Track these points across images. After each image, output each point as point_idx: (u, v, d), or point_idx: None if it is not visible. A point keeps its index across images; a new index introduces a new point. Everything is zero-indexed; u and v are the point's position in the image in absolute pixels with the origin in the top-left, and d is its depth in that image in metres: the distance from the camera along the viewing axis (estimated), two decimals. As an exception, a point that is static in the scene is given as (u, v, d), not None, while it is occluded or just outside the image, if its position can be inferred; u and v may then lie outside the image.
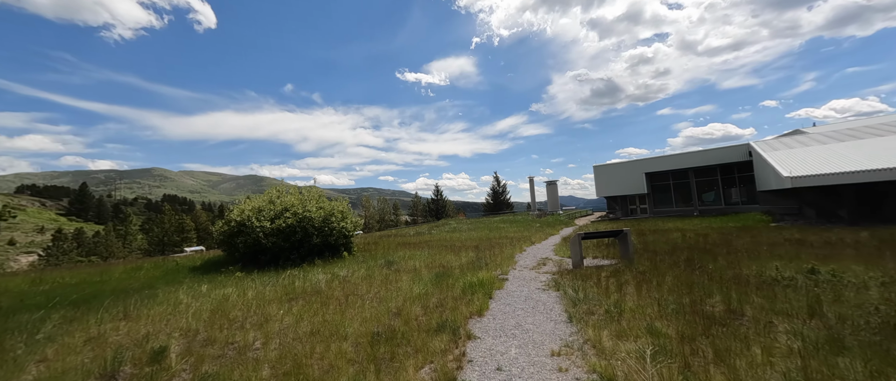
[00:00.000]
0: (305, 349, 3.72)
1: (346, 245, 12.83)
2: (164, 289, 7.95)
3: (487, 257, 9.90)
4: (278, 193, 12.78)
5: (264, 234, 10.58)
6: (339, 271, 8.58)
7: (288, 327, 4.56)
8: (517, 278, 7.26)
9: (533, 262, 9.40)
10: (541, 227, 22.59)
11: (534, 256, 10.67)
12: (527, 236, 16.31)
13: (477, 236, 19.01)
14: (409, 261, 10.00)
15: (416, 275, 7.74)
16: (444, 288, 6.17)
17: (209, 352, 3.86)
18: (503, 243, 13.60)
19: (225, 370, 3.28)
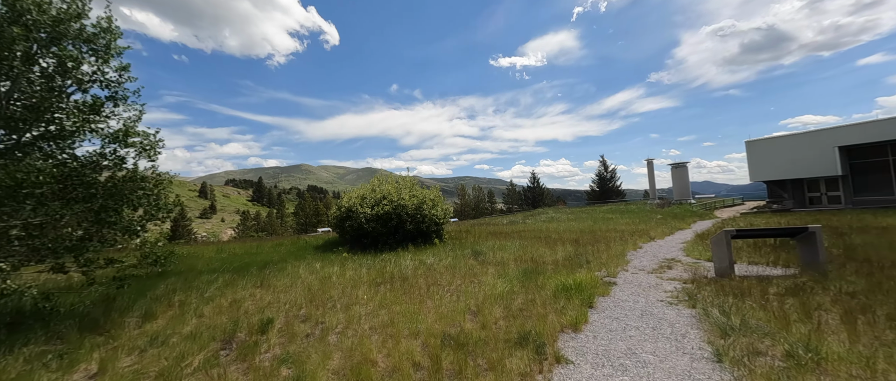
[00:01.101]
0: (377, 341, 3.57)
1: (437, 232, 13.05)
2: (293, 263, 9.48)
3: (589, 254, 8.42)
4: (379, 182, 13.87)
5: (366, 219, 11.60)
6: (426, 259, 8.62)
7: (369, 313, 4.58)
8: (629, 283, 5.79)
9: (652, 263, 7.50)
10: (663, 219, 18.58)
11: (653, 255, 8.57)
12: (643, 230, 13.52)
13: (578, 227, 16.89)
14: (497, 252, 9.37)
15: (502, 269, 7.07)
16: (533, 288, 5.33)
17: (302, 329, 4.14)
18: (611, 238, 11.53)
19: (304, 353, 3.37)
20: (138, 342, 3.99)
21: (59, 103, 4.42)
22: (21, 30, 3.84)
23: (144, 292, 6.28)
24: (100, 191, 4.64)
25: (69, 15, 4.53)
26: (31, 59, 3.94)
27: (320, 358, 3.19)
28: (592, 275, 5.97)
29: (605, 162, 48.71)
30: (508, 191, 66.45)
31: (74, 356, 3.59)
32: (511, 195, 65.34)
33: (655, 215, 20.30)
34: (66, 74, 4.37)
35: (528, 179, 58.94)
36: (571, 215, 25.28)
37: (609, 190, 46.84)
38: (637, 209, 25.31)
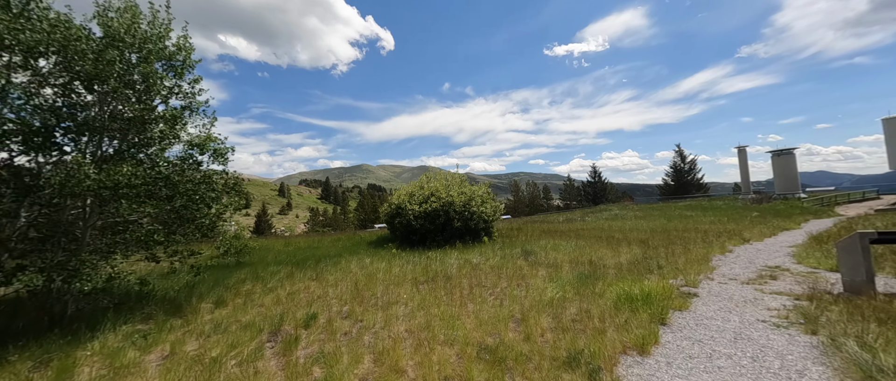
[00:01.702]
0: (409, 347, 3.38)
1: (487, 230, 12.64)
2: (346, 258, 9.95)
3: (661, 257, 7.25)
4: (427, 179, 13.93)
5: (414, 216, 11.70)
6: (472, 257, 8.31)
7: (407, 314, 4.44)
8: (716, 295, 4.75)
9: (747, 271, 6.13)
10: (760, 217, 15.52)
11: (748, 261, 7.05)
12: (733, 230, 11.38)
13: (648, 226, 14.97)
14: (549, 253, 8.64)
15: (554, 272, 6.42)
16: (589, 296, 4.67)
17: (341, 327, 4.16)
18: (691, 238, 9.89)
19: (338, 352, 3.33)
20: (206, 327, 4.39)
21: (148, 115, 5.08)
22: (116, 52, 4.45)
23: (222, 281, 7.07)
24: (180, 191, 5.25)
25: (154, 36, 5.19)
26: (123, 77, 4.56)
27: (350, 361, 3.10)
28: (665, 283, 5.03)
29: (682, 152, 42.83)
30: (566, 186, 62.51)
31: (155, 337, 4.07)
32: (569, 191, 61.37)
33: (750, 213, 17.05)
34: (151, 89, 4.99)
35: (588, 173, 54.71)
36: (640, 213, 22.63)
37: (687, 184, 41.06)
38: (725, 206, 21.62)
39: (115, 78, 4.51)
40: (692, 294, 4.79)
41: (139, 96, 4.99)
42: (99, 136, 4.63)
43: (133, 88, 4.84)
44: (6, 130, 4.03)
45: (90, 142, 4.64)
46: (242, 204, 6.31)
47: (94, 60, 4.26)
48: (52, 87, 4.27)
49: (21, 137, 4.13)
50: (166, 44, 5.44)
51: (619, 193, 66.60)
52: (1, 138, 3.94)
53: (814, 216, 16.00)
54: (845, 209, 18.39)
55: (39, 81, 4.34)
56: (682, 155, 42.65)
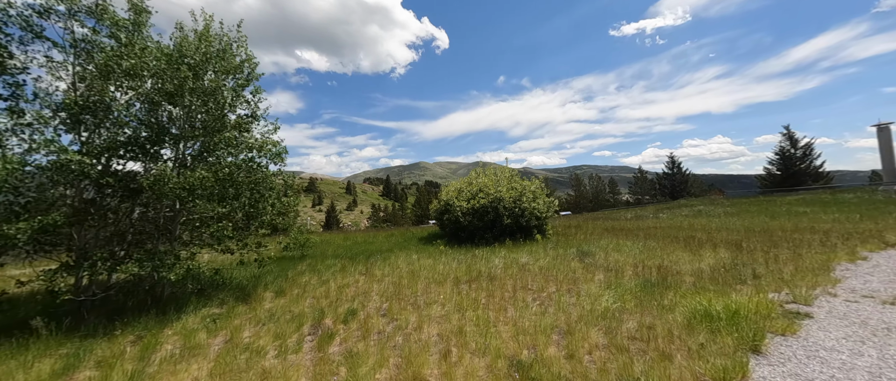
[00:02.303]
0: (437, 354, 3.19)
1: (540, 227, 11.90)
2: (396, 254, 10.24)
3: (760, 264, 5.90)
4: (476, 174, 13.63)
5: (462, 213, 11.53)
6: (520, 257, 7.82)
7: (443, 316, 4.28)
8: (841, 317, 3.61)
9: (891, 287, 4.60)
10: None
11: (893, 272, 5.32)
12: (870, 231, 8.83)
13: (741, 224, 12.56)
14: (610, 254, 7.71)
15: (614, 277, 5.66)
16: (654, 309, 3.94)
17: (377, 325, 4.17)
18: (804, 241, 7.94)
19: (366, 353, 3.31)
20: (263, 316, 4.80)
21: (217, 124, 5.74)
22: (187, 69, 5.08)
23: (285, 272, 7.78)
24: (244, 191, 5.84)
25: (222, 53, 5.84)
26: (194, 91, 5.19)
27: (375, 364, 3.04)
28: (762, 298, 4.00)
29: (793, 134, 35.13)
30: (636, 179, 56.24)
31: (222, 322, 4.57)
32: (640, 184, 55.11)
33: (894, 210, 13.13)
34: (218, 100, 5.61)
35: (665, 163, 48.40)
36: (731, 208, 19.17)
37: (800, 173, 33.58)
38: (856, 200, 17.08)
39: (189, 92, 5.13)
40: (803, 315, 3.72)
41: (209, 108, 5.60)
42: (181, 143, 5.36)
43: (203, 100, 5.45)
44: (120, 142, 4.88)
45: (174, 149, 5.40)
46: (297, 202, 6.82)
47: (173, 79, 4.91)
48: (143, 103, 5.05)
49: (128, 147, 4.96)
50: (234, 60, 6.08)
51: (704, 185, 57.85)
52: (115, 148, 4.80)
53: None
54: None
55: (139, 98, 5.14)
56: (793, 138, 34.97)
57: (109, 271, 4.46)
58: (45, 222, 4.08)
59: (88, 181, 4.47)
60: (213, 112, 5.57)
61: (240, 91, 6.05)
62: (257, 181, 5.93)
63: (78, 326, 4.40)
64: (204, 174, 5.03)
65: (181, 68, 4.95)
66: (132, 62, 4.76)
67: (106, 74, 4.74)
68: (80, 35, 4.78)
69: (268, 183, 6.16)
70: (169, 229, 5.38)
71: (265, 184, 6.20)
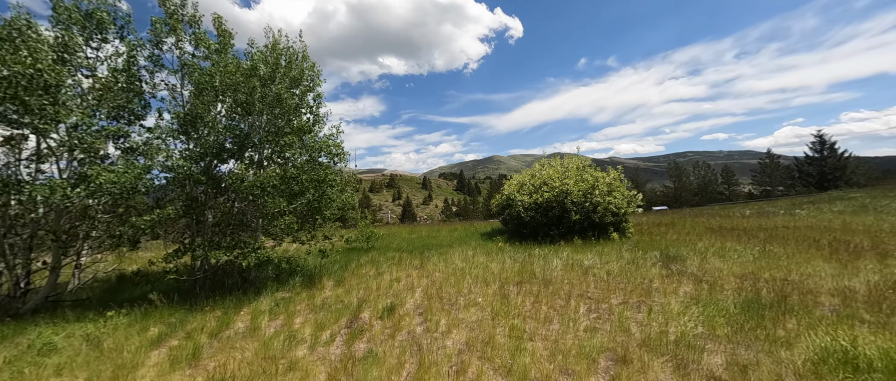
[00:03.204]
0: (455, 366, 2.91)
1: (617, 224, 10.35)
2: (455, 249, 10.17)
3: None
4: (541, 166, 12.62)
5: (523, 208, 10.78)
6: (585, 258, 6.86)
7: (478, 322, 3.95)
8: None
9: None
10: None
11: None
12: None
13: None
14: (708, 260, 6.18)
15: (706, 291, 4.45)
16: (762, 340, 2.89)
17: (408, 324, 4.08)
18: None
19: (387, 355, 3.22)
20: (318, 303, 5.21)
21: (284, 128, 6.42)
22: (257, 81, 5.77)
23: (350, 263, 8.42)
24: (308, 188, 6.44)
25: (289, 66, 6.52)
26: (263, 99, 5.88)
27: (390, 369, 2.91)
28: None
29: None
30: (763, 166, 44.91)
31: (284, 307, 5.09)
32: (770, 172, 43.86)
33: None
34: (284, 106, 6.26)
35: (809, 145, 37.53)
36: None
37: None
38: None
39: (259, 101, 5.81)
40: None
41: (276, 114, 6.26)
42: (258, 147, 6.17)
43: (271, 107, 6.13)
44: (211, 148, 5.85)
45: (254, 152, 6.24)
46: (356, 198, 7.24)
47: (245, 91, 5.64)
48: (228, 114, 5.94)
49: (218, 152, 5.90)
50: (298, 70, 6.73)
51: (876, 172, 43.30)
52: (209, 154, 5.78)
53: None
54: None
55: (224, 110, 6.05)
56: None
57: (203, 257, 5.40)
58: (162, 215, 5.11)
59: (191, 181, 5.46)
60: (281, 118, 6.23)
61: (303, 98, 6.63)
62: (320, 179, 6.44)
63: (189, 299, 5.47)
64: (271, 173, 5.64)
65: (252, 80, 5.64)
66: (219, 80, 5.62)
67: (199, 91, 5.69)
68: (184, 60, 5.84)
69: (329, 181, 6.64)
70: (246, 222, 6.26)
71: (327, 182, 6.70)
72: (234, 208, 6.26)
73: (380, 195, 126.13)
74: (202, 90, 5.70)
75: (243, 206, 6.26)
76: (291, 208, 6.42)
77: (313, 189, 6.55)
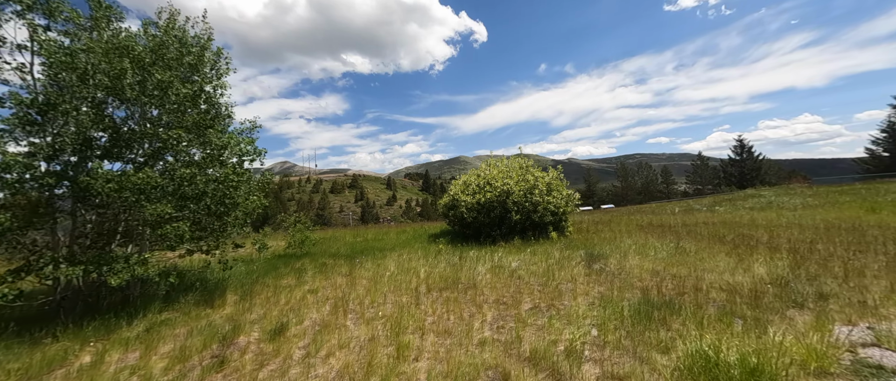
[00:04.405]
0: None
1: (556, 224, 10.53)
2: (396, 252, 9.69)
3: (835, 277, 4.26)
4: (487, 166, 12.57)
5: (467, 209, 10.61)
6: (512, 261, 6.76)
7: (369, 339, 3.54)
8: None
9: None
10: None
11: None
12: None
13: (822, 219, 10.05)
14: (629, 258, 6.34)
15: (616, 291, 4.45)
16: (645, 346, 2.81)
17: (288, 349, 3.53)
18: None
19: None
20: (202, 325, 4.47)
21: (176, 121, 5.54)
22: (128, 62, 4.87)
23: (271, 272, 7.61)
24: (206, 192, 5.61)
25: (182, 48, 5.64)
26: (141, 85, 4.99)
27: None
28: (820, 338, 2.64)
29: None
30: (695, 167, 49.82)
31: (156, 333, 4.30)
32: (700, 173, 48.75)
33: None
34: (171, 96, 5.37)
35: (732, 148, 42.23)
36: (814, 199, 15.72)
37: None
38: None
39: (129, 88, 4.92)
40: (890, 372, 2.34)
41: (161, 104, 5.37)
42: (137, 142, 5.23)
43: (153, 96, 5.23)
44: (68, 142, 4.80)
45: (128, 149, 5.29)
46: (262, 203, 6.51)
47: (108, 73, 4.73)
48: (91, 101, 4.96)
49: (77, 147, 4.87)
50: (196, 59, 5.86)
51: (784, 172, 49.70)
52: (64, 150, 4.75)
53: None
54: None
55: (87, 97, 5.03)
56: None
57: (53, 274, 4.42)
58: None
59: (33, 183, 4.44)
60: (168, 109, 5.36)
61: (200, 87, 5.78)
62: (221, 180, 5.65)
63: (46, 327, 4.44)
64: (150, 174, 4.79)
65: (121, 62, 4.75)
66: (85, 60, 4.65)
67: (55, 73, 4.68)
68: (36, 37, 4.77)
69: (233, 182, 5.86)
70: (118, 231, 5.31)
71: (232, 183, 5.91)
72: (106, 214, 5.28)
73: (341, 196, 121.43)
74: (59, 72, 4.70)
75: (117, 212, 5.30)
76: (184, 214, 5.57)
77: (214, 192, 5.75)
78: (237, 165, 6.14)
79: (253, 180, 6.55)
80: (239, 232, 6.80)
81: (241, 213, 6.08)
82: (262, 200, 6.51)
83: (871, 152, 30.20)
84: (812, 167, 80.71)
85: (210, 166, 5.81)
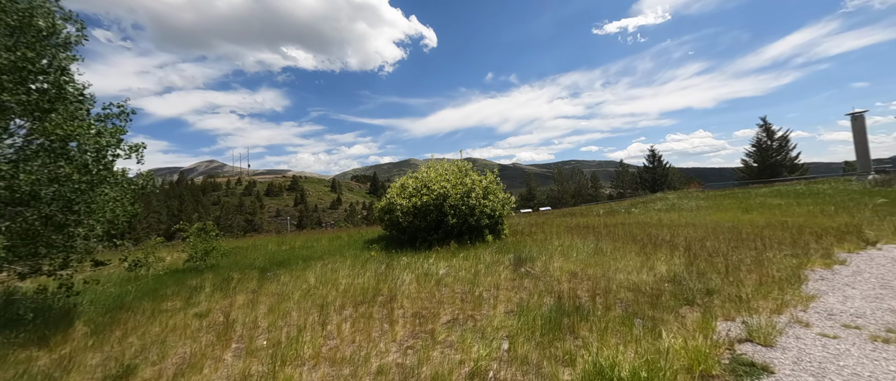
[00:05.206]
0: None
1: (492, 227, 10.61)
2: (323, 261, 8.78)
3: (719, 271, 4.72)
4: (426, 168, 12.26)
5: (402, 212, 10.15)
6: (441, 267, 6.49)
7: (234, 376, 2.89)
8: (816, 374, 2.39)
9: (878, 307, 3.44)
10: (891, 204, 11.06)
11: (881, 283, 4.21)
12: (846, 226, 7.85)
13: (711, 219, 11.62)
14: (554, 260, 6.47)
15: (536, 297, 4.38)
16: (554, 360, 2.66)
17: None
18: (772, 240, 6.87)
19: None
20: (18, 372, 3.32)
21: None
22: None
23: (151, 293, 6.26)
24: (43, 195, 4.30)
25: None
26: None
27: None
28: (704, 341, 2.75)
29: (769, 127, 35.05)
30: (618, 173, 55.99)
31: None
32: (622, 178, 54.89)
33: (872, 199, 12.40)
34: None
35: (646, 157, 48.17)
36: (705, 202, 18.39)
37: (776, 165, 33.52)
38: (831, 190, 16.43)
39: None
40: (760, 367, 2.48)
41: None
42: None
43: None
44: None
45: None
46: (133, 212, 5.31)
47: None
48: None
49: None
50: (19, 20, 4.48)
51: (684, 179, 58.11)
52: None
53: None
54: None
55: None
56: (769, 130, 34.89)
57: None
58: None
59: None
60: None
61: (25, 54, 4.42)
62: (62, 181, 4.38)
63: None
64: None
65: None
66: None
67: None
68: None
69: (80, 182, 4.60)
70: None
71: (79, 185, 4.63)
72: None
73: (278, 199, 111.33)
74: None
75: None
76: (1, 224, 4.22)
77: (56, 195, 4.45)
78: (96, 161, 4.87)
79: (129, 183, 5.29)
80: (104, 246, 5.46)
81: (98, 222, 4.82)
82: (131, 206, 5.28)
83: (744, 163, 36.97)
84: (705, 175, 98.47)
85: (50, 162, 4.50)
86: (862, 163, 20.52)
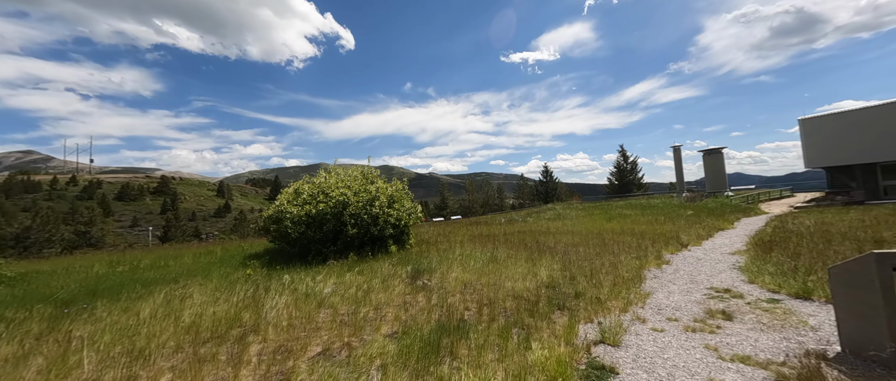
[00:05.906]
0: None
1: (397, 237, 10.16)
2: (175, 285, 6.88)
3: (582, 278, 5.30)
4: (326, 174, 11.13)
5: (292, 222, 8.88)
6: (326, 286, 5.75)
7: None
8: (647, 368, 2.70)
9: (691, 301, 4.31)
10: (695, 215, 14.93)
11: (690, 280, 5.35)
12: (670, 233, 10.11)
13: (585, 227, 13.59)
14: (452, 270, 6.40)
15: (425, 313, 4.12)
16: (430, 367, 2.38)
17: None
18: (623, 245, 8.28)
19: None
20: None
21: None
22: None
23: None
24: None
25: None
26: None
27: None
28: (567, 350, 2.89)
29: (625, 152, 44.22)
30: (520, 186, 62.66)
31: None
32: (522, 190, 61.56)
33: (685, 211, 16.57)
34: None
35: (541, 173, 55.10)
36: (582, 212, 21.78)
37: (629, 183, 42.40)
38: (661, 204, 21.44)
39: None
40: (609, 370, 2.69)
41: None
42: None
43: None
44: None
45: None
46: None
47: None
48: None
49: None
50: None
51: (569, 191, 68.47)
52: None
53: (743, 214, 15.85)
54: (768, 206, 18.88)
55: None
56: (625, 155, 44.07)
57: None
58: None
59: None
60: None
61: None
62: None
63: None
64: None
65: None
66: None
67: None
68: None
69: None
70: None
71: None
72: None
73: (139, 205, 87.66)
74: None
75: None
76: None
77: None
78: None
79: None
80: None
81: None
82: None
83: (609, 180, 46.00)
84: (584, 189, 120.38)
85: None
86: (679, 184, 27.52)
